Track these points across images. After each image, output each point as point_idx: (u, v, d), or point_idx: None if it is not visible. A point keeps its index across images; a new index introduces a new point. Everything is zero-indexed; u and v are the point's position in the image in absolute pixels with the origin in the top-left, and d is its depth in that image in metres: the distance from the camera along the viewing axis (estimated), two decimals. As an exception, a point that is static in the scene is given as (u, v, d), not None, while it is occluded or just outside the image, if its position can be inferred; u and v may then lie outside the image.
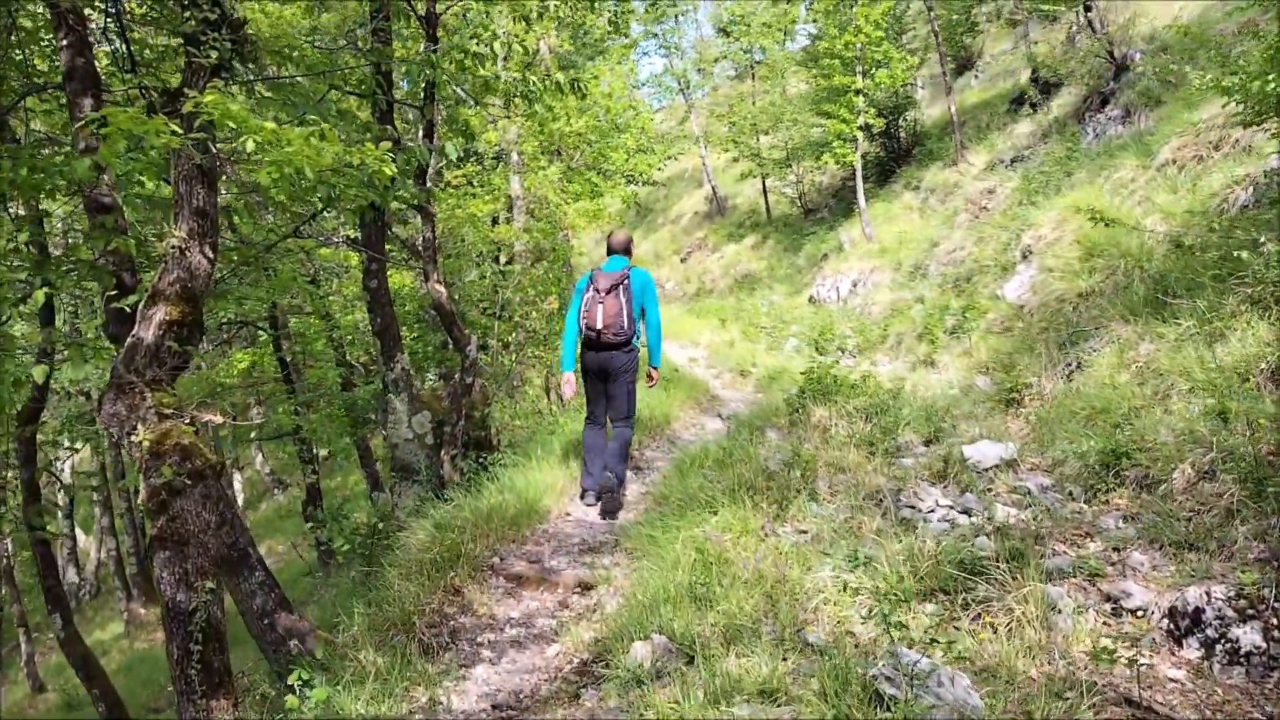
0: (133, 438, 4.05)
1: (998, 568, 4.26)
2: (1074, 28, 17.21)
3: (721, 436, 8.53)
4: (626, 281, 6.59)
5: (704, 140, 34.04)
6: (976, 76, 28.31)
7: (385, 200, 6.14)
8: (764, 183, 29.57)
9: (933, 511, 5.31)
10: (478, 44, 6.15)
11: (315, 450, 14.44)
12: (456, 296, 10.57)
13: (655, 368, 7.11)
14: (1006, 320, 10.37)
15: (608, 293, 6.48)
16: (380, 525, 5.98)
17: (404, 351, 8.38)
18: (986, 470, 6.08)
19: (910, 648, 3.55)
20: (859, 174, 18.49)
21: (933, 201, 18.29)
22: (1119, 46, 13.28)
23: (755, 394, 11.12)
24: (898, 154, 23.79)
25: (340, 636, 5.05)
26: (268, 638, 5.49)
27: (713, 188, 34.24)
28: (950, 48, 22.96)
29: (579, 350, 6.84)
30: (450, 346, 10.36)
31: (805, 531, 5.20)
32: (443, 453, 8.33)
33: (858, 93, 17.39)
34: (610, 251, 6.97)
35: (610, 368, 6.66)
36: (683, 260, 31.55)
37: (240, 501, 27.73)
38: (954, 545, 4.40)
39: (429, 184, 7.59)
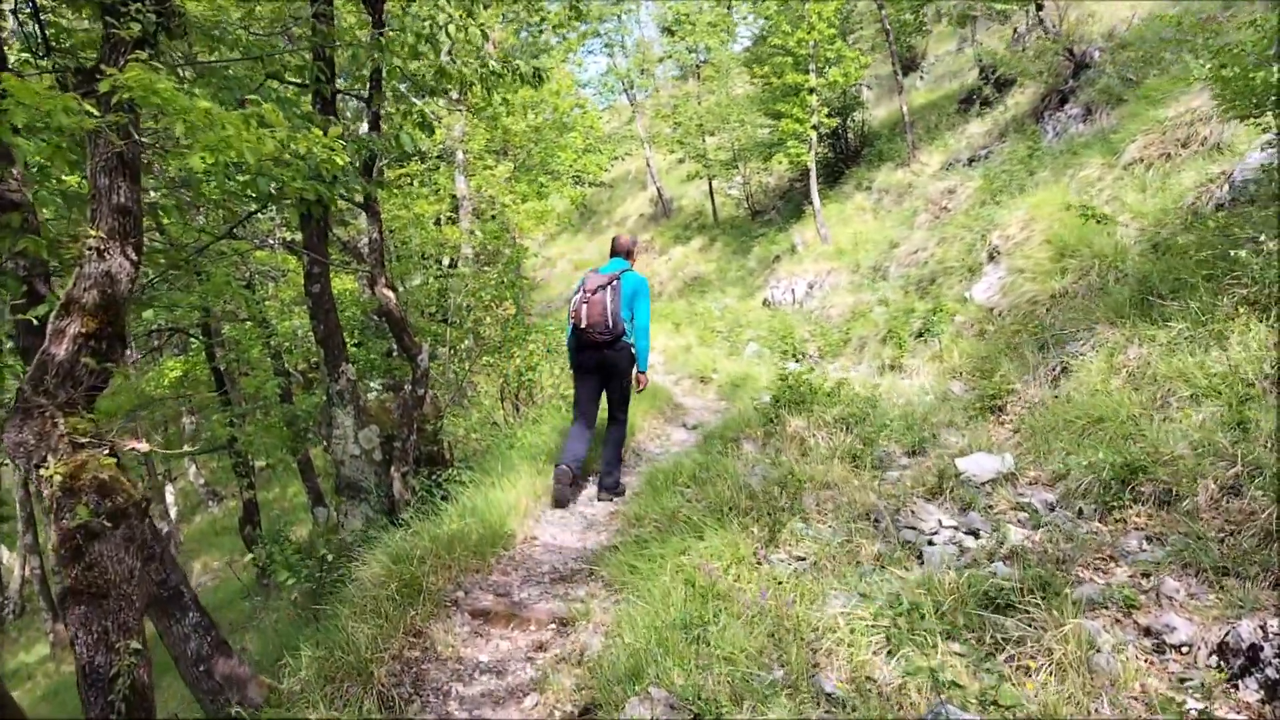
0: (42, 471, 3.45)
1: (1025, 600, 3.86)
2: (1025, 26, 17.09)
3: (691, 448, 8.08)
4: (616, 283, 6.74)
5: (649, 141, 33.62)
6: (922, 78, 28.35)
7: (332, 196, 5.57)
8: (710, 184, 29.24)
9: (936, 533, 4.90)
10: (431, 26, 5.60)
11: (252, 463, 13.69)
12: (405, 301, 9.99)
13: (642, 372, 7.08)
14: (976, 323, 10.06)
15: (594, 292, 6.67)
16: (328, 556, 5.40)
17: (349, 361, 7.78)
18: (983, 484, 5.70)
19: (960, 707, 3.10)
20: (813, 174, 18.19)
21: (886, 202, 18.06)
22: (1078, 44, 13.11)
23: (719, 401, 10.69)
24: (846, 155, 23.60)
25: (285, 682, 4.48)
26: (203, 686, 4.90)
27: (658, 189, 33.82)
28: (897, 48, 22.78)
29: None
30: (396, 355, 9.76)
31: (802, 558, 4.76)
32: (393, 470, 7.75)
33: (811, 91, 17.09)
34: (613, 253, 7.18)
35: (600, 364, 6.88)
36: (629, 263, 31.07)
37: (173, 515, 26.62)
38: (976, 576, 3.97)
39: (376, 179, 7.02)
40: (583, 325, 6.65)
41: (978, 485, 5.66)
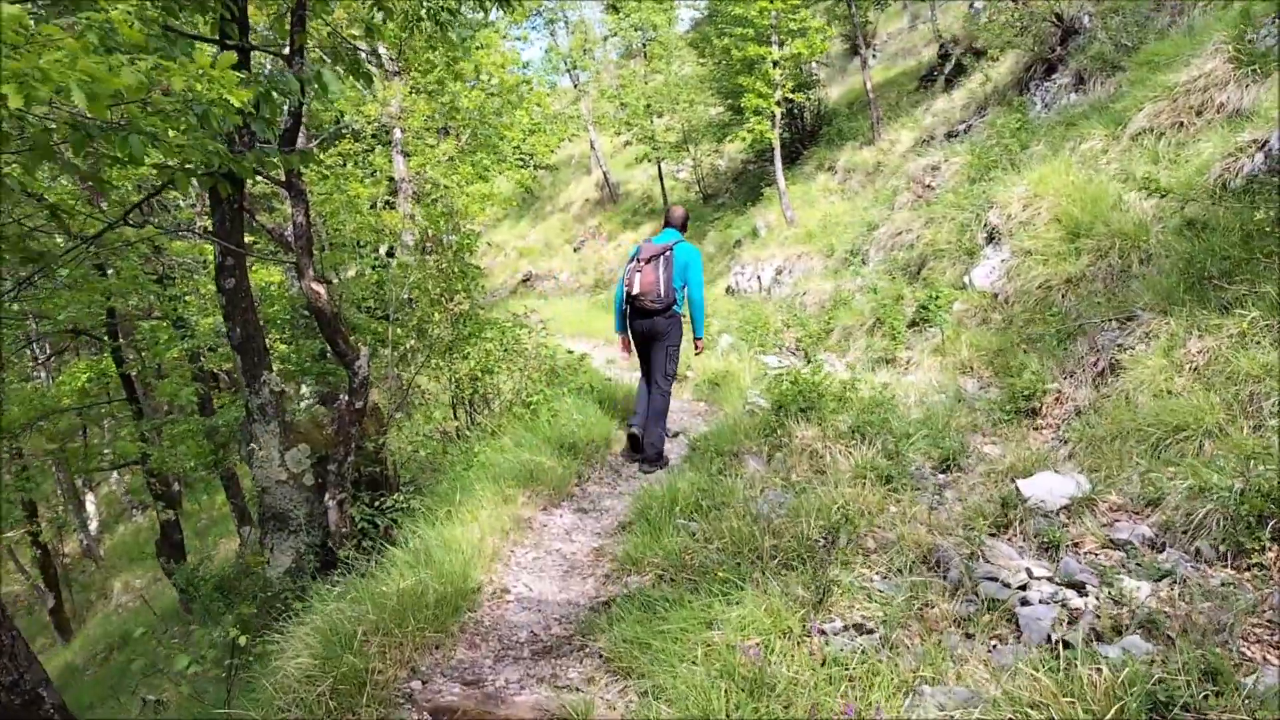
0: None
1: (1198, 700, 2.82)
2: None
3: (681, 463, 6.98)
4: (669, 254, 7.04)
5: (593, 123, 32.37)
6: (874, 56, 27.59)
7: (244, 168, 4.32)
8: (659, 167, 28.11)
9: (1026, 587, 3.85)
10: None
11: (171, 480, 12.28)
12: (339, 295, 8.72)
13: (699, 338, 7.52)
14: (979, 310, 9.10)
15: (648, 262, 6.99)
16: (239, 639, 4.20)
17: (272, 369, 6.54)
18: (1056, 513, 4.68)
19: None
20: (777, 153, 17.13)
21: (854, 182, 17.11)
22: (1066, 6, 12.21)
23: (697, 403, 9.60)
24: (803, 135, 22.64)
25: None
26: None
27: (604, 173, 32.60)
28: (845, 26, 21.84)
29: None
30: (331, 356, 8.51)
31: (865, 628, 3.68)
32: (327, 497, 6.53)
33: (774, 64, 16.02)
34: (666, 224, 7.51)
35: (650, 332, 7.12)
36: (576, 250, 29.86)
37: (94, 527, 24.89)
38: (1135, 672, 2.90)
39: (300, 149, 5.78)
40: (635, 292, 6.97)
41: (1049, 514, 4.64)
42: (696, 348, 7.61)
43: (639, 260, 7.05)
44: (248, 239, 7.33)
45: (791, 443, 6.32)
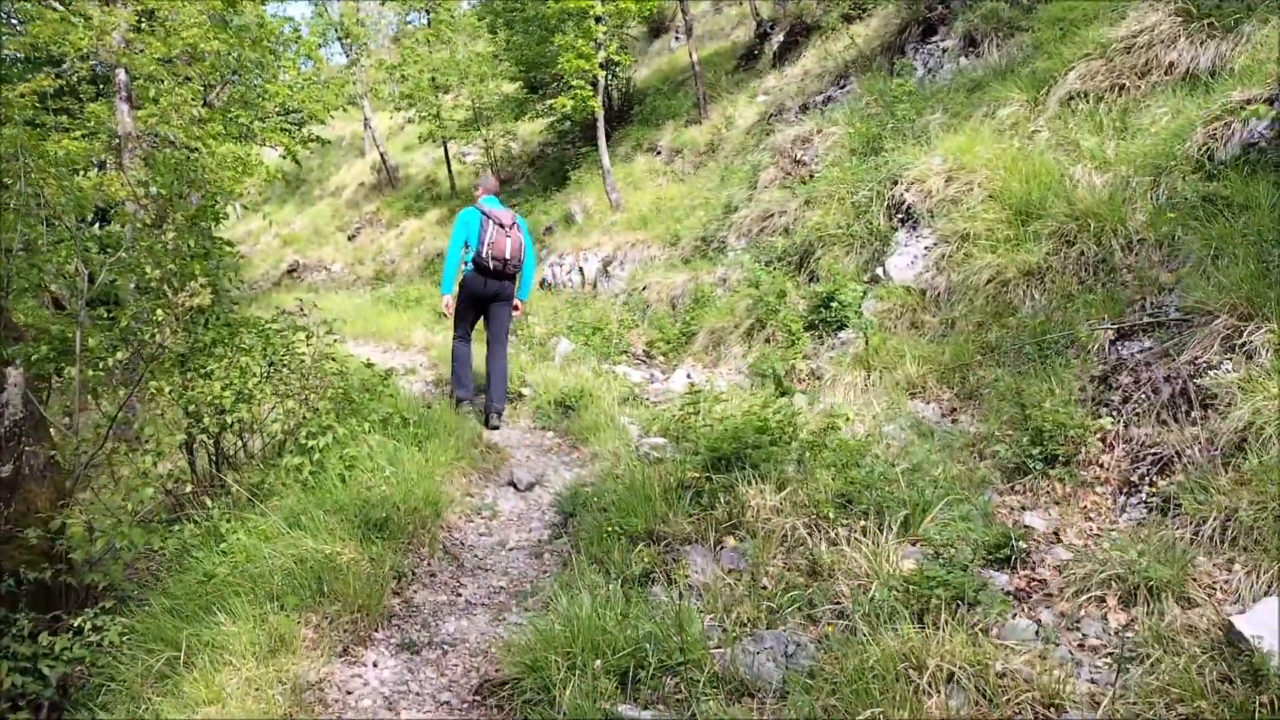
0: None
1: None
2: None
3: (561, 552, 4.52)
4: (517, 221, 7.39)
5: (370, 100, 28.94)
6: (677, 38, 26.10)
7: None
8: (446, 149, 25.21)
9: None
10: None
11: None
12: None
13: (523, 299, 7.79)
14: (905, 311, 7.15)
15: (511, 227, 7.22)
16: None
17: None
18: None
19: None
20: (600, 124, 14.75)
21: (682, 164, 15.05)
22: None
23: (544, 432, 7.10)
24: (610, 115, 20.45)
25: None
26: None
27: (381, 155, 29.20)
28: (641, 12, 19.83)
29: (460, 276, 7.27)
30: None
31: None
32: (-57, 635, 3.64)
33: (597, 19, 13.68)
34: (491, 192, 7.59)
35: (501, 293, 7.34)
36: (351, 238, 26.41)
37: None
38: None
39: None
40: (505, 256, 7.09)
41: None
42: (517, 308, 7.73)
43: (500, 225, 7.15)
44: None
45: (746, 517, 4.01)
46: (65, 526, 4.17)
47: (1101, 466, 4.47)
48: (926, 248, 7.44)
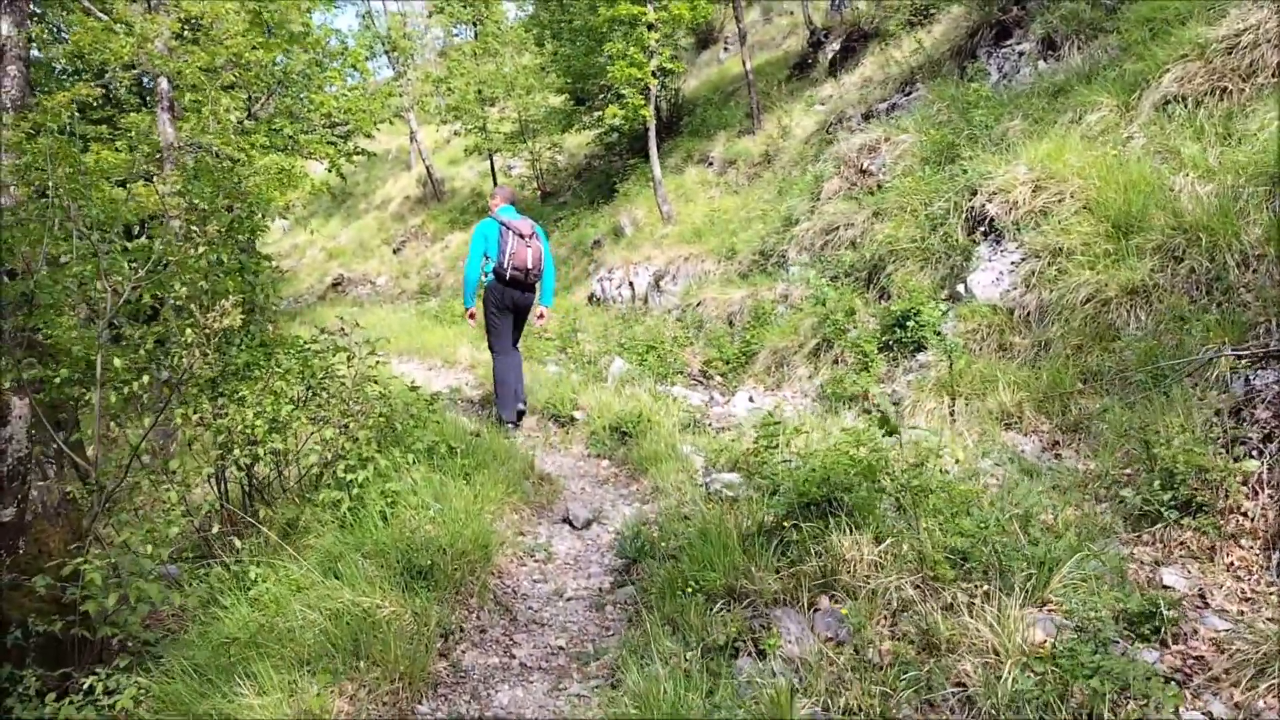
0: None
1: None
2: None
3: (624, 605, 4.03)
4: (536, 230, 7.30)
5: (416, 113, 28.76)
6: (725, 49, 25.79)
7: None
8: (491, 161, 24.95)
9: None
10: None
11: None
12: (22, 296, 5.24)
13: (548, 306, 7.62)
14: (991, 331, 6.59)
15: (531, 237, 7.15)
16: None
17: None
18: None
19: None
20: (652, 134, 14.30)
21: (736, 175, 14.55)
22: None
23: (598, 460, 6.61)
24: (659, 126, 20.02)
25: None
26: None
27: (427, 168, 29.02)
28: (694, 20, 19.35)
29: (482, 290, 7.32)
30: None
31: None
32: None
33: (650, 27, 13.25)
34: (508, 201, 7.41)
35: (525, 304, 7.35)
36: (396, 251, 26.22)
37: None
38: None
39: None
40: (527, 267, 7.08)
41: None
42: (543, 316, 7.69)
43: (520, 236, 7.10)
44: None
45: (842, 574, 3.49)
46: (80, 573, 3.75)
47: (1245, 516, 3.89)
48: (1013, 263, 6.87)
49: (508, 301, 7.17)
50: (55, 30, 13.96)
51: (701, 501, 4.59)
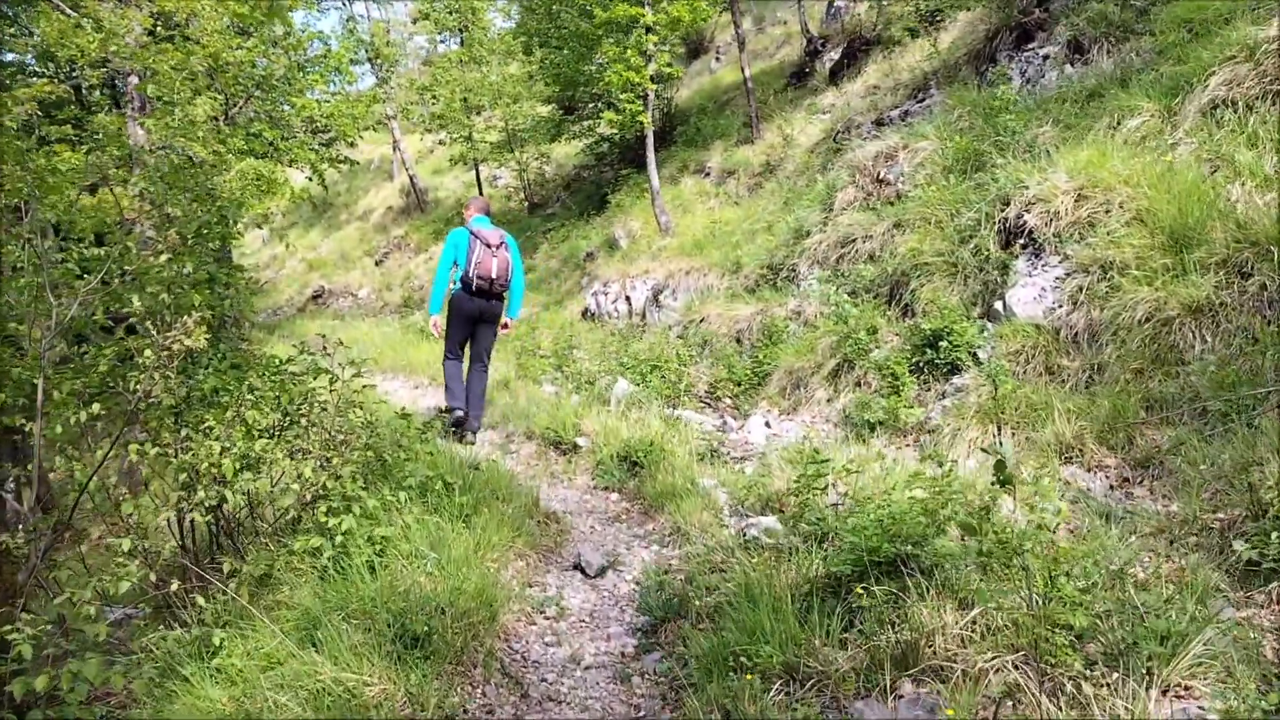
0: None
1: None
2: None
3: (653, 685, 3.43)
4: (505, 240, 7.24)
5: (400, 121, 28.11)
6: (717, 58, 25.43)
7: None
8: (477, 171, 24.36)
9: None
10: None
11: None
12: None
13: (513, 319, 7.54)
14: (1035, 352, 6.04)
15: (499, 246, 7.12)
16: None
17: None
18: None
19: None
20: (650, 141, 13.71)
21: (735, 185, 14.00)
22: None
23: (605, 493, 6.00)
24: (653, 135, 19.50)
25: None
26: None
27: (410, 178, 28.36)
28: (685, 31, 18.85)
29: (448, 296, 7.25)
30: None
31: None
32: None
33: (648, 29, 12.70)
34: (481, 211, 7.52)
35: (489, 313, 7.25)
36: (378, 263, 25.54)
37: None
38: None
39: None
40: (491, 276, 7.02)
41: None
42: (506, 326, 7.53)
43: (488, 245, 7.06)
44: None
45: (923, 648, 2.91)
46: (5, 643, 3.13)
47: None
48: (1058, 278, 6.32)
49: (472, 310, 7.13)
50: (29, 33, 13.32)
51: (738, 550, 3.99)
